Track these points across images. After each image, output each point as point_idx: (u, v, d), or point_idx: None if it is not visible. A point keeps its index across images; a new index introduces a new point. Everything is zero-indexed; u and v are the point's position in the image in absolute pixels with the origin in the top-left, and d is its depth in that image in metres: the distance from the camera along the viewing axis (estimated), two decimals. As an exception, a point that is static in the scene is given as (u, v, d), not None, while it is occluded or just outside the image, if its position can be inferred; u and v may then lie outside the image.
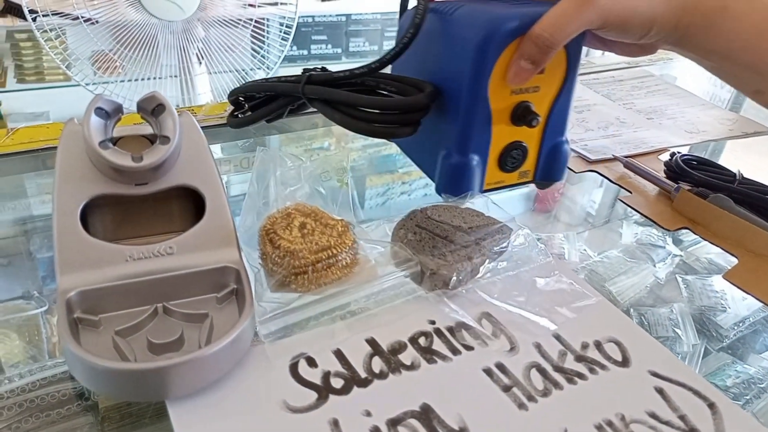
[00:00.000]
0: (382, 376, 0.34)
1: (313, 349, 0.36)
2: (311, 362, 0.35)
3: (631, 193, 0.54)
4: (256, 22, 1.54)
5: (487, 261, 0.40)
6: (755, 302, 0.42)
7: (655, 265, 0.52)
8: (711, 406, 0.34)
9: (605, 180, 0.57)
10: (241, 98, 0.55)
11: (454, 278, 0.39)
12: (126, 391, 0.32)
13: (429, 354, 0.36)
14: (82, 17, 1.36)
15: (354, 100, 0.46)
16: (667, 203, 0.52)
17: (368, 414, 0.32)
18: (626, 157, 0.58)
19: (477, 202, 0.46)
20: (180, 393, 0.32)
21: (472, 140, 0.47)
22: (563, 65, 0.47)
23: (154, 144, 0.36)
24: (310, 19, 1.98)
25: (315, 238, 0.39)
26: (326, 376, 0.34)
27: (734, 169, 0.53)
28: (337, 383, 0.34)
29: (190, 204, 0.40)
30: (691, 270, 0.51)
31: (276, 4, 1.57)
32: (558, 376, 0.35)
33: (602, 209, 0.62)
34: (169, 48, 1.46)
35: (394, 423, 0.32)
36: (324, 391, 0.33)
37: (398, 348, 0.36)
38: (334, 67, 0.51)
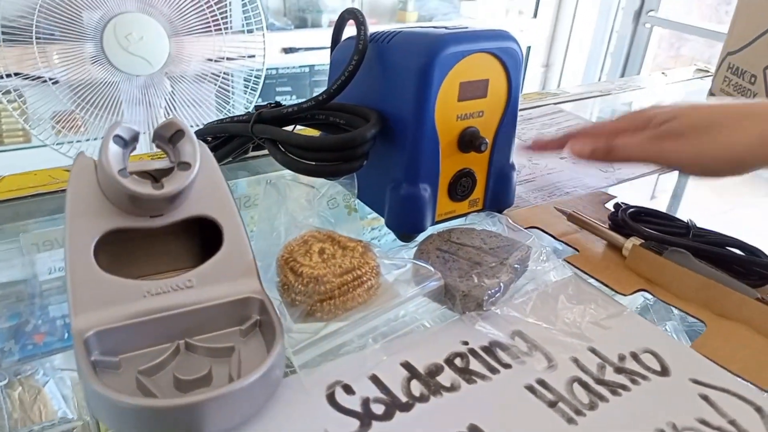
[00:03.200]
0: (423, 399, 0.33)
1: (347, 376, 0.34)
2: (348, 389, 0.34)
3: (578, 251, 0.48)
4: (222, 75, 1.55)
5: (515, 280, 0.40)
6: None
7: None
8: (758, 410, 0.34)
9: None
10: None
11: (486, 299, 0.38)
12: (156, 430, 0.30)
13: (467, 374, 0.35)
14: (48, 78, 1.34)
15: (294, 139, 0.45)
16: (619, 260, 0.46)
17: None
18: (560, 210, 0.53)
19: (489, 222, 0.46)
20: (210, 430, 0.30)
21: (421, 169, 0.45)
22: (505, 88, 0.46)
23: (161, 179, 0.35)
24: (273, 71, 2.00)
25: (337, 261, 0.38)
26: (366, 402, 0.33)
27: (684, 219, 0.48)
28: (378, 409, 0.33)
29: (205, 235, 0.39)
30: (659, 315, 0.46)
31: (243, 57, 1.59)
32: (601, 389, 0.34)
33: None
34: (135, 103, 1.45)
35: (443, 445, 0.30)
36: (366, 417, 0.32)
37: (435, 370, 0.35)
38: None
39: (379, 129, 0.44)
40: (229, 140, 0.51)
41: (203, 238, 0.39)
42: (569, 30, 2.55)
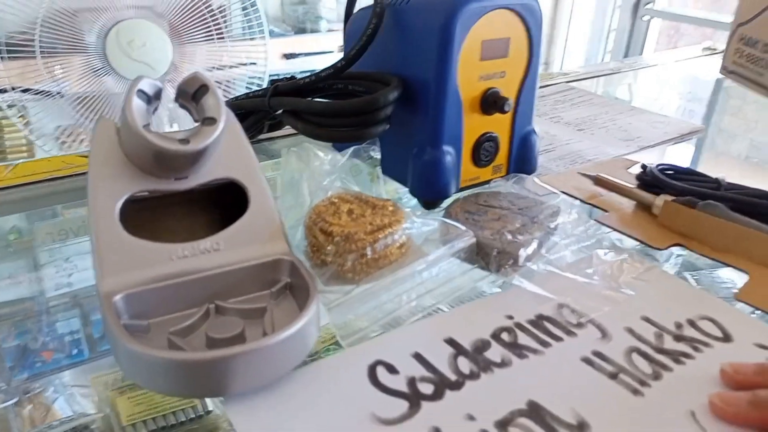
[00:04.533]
0: (473, 376, 0.31)
1: (388, 354, 0.33)
2: (391, 369, 0.32)
3: (607, 212, 0.47)
4: (225, 83, 1.55)
5: (548, 237, 0.39)
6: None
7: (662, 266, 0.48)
8: None
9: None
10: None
11: (522, 254, 0.37)
12: (189, 385, 0.29)
13: (518, 349, 0.33)
14: (54, 91, 1.34)
15: (315, 107, 0.44)
16: (650, 219, 0.45)
17: (471, 418, 0.29)
18: (584, 174, 0.52)
19: (514, 188, 0.45)
20: (244, 387, 0.29)
21: (444, 132, 0.43)
22: (526, 48, 0.45)
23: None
24: (274, 77, 2.00)
25: (367, 219, 0.37)
26: (412, 381, 0.31)
27: (714, 175, 0.47)
28: (426, 389, 0.30)
29: (228, 202, 0.38)
30: (693, 267, 0.46)
31: (245, 64, 1.58)
32: (663, 358, 0.32)
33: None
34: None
35: (502, 425, 0.28)
36: (414, 398, 0.30)
37: (482, 346, 0.33)
38: None
39: (400, 92, 0.43)
40: (246, 117, 0.51)
41: (226, 205, 0.38)
42: (567, 28, 2.55)
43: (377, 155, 0.45)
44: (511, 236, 0.38)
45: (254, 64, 1.62)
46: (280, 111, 0.48)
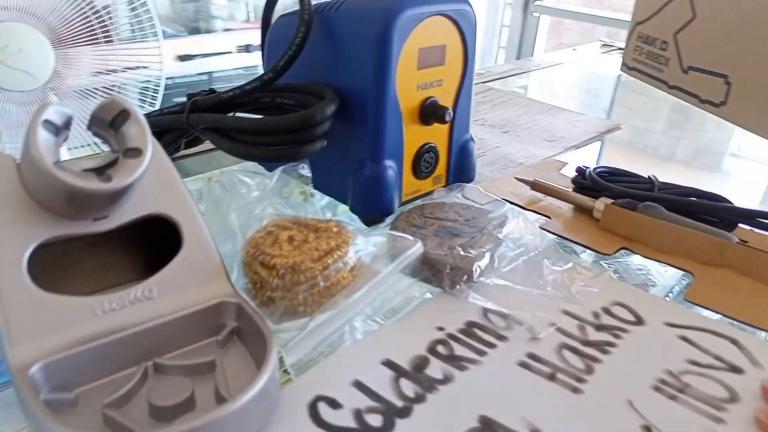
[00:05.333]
0: (419, 399, 0.30)
1: (327, 387, 0.30)
2: (333, 403, 0.29)
3: (549, 218, 0.46)
4: (112, 89, 1.43)
5: (498, 248, 0.37)
6: (676, 272, 0.41)
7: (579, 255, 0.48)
8: (734, 342, 0.34)
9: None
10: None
11: (475, 270, 0.35)
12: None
13: (456, 361, 0.32)
14: None
15: (244, 124, 0.40)
16: (591, 223, 0.45)
17: None
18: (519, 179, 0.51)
19: (457, 197, 0.44)
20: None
21: (386, 145, 0.41)
22: (461, 55, 0.44)
23: (104, 172, 0.29)
24: (170, 81, 1.89)
25: (312, 245, 0.33)
26: (358, 414, 0.29)
27: (645, 175, 0.48)
28: (374, 420, 0.28)
29: (155, 233, 0.33)
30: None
31: (137, 67, 1.48)
32: (590, 350, 0.33)
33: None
34: (17, 125, 1.30)
35: (461, 447, 0.27)
36: None
37: (420, 363, 0.32)
38: None
39: (337, 105, 0.40)
40: (160, 136, 0.45)
41: (151, 240, 0.34)
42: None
43: (307, 173, 0.42)
44: (463, 251, 0.36)
45: (145, 68, 1.52)
46: (199, 128, 0.43)
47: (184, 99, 0.45)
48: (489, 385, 0.30)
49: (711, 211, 0.43)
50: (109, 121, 0.28)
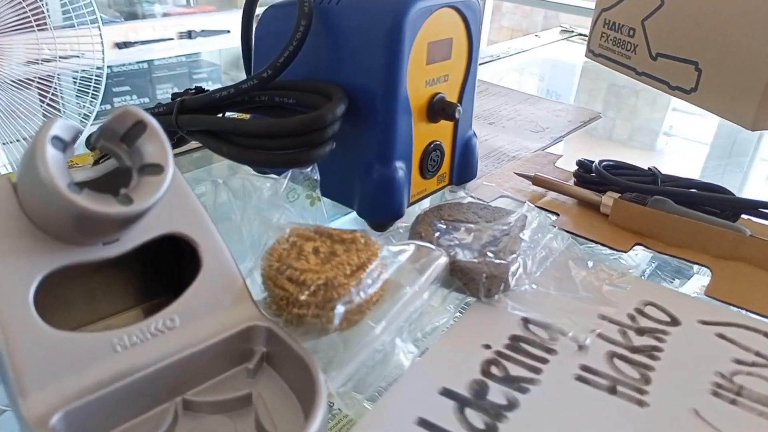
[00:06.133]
0: (492, 430, 0.28)
1: (391, 429, 0.28)
2: None
3: (557, 215, 0.45)
4: (47, 79, 1.34)
5: (531, 252, 0.36)
6: (646, 254, 0.41)
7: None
8: (766, 335, 0.34)
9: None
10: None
11: (512, 276, 0.34)
12: None
13: (515, 383, 0.31)
14: None
15: (246, 127, 0.37)
16: (600, 219, 0.44)
17: None
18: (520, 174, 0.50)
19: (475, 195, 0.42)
20: None
21: (396, 146, 0.39)
22: (466, 48, 0.43)
23: (113, 189, 0.26)
24: (108, 70, 1.79)
25: (341, 258, 0.31)
26: None
27: (644, 167, 0.47)
28: None
29: (163, 251, 0.30)
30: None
31: (74, 56, 1.38)
32: (641, 358, 0.32)
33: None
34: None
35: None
36: None
37: (480, 389, 0.30)
38: None
39: (347, 104, 0.38)
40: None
41: (158, 258, 0.31)
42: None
43: (316, 176, 0.40)
44: (496, 257, 0.35)
45: (79, 57, 1.43)
46: (186, 131, 0.40)
47: (126, 88, 0.42)
48: (555, 406, 0.29)
49: (715, 203, 0.44)
50: (122, 134, 0.25)
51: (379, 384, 0.30)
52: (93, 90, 1.33)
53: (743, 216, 0.44)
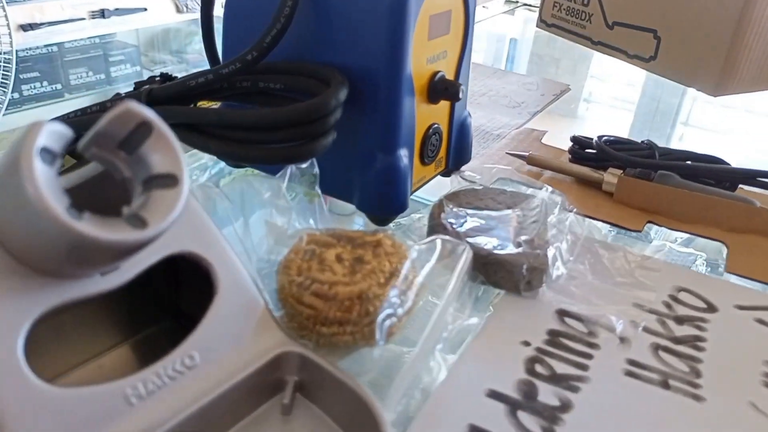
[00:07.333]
0: None
1: None
2: None
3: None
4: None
5: (561, 238, 0.34)
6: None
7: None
8: None
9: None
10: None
11: (552, 266, 0.31)
12: None
13: (563, 382, 0.28)
14: None
15: (234, 119, 0.32)
16: (603, 197, 0.42)
17: None
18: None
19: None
20: None
21: (400, 132, 0.36)
22: (462, 21, 0.39)
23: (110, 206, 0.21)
24: (11, 57, 1.63)
25: (372, 265, 0.28)
26: None
27: (638, 140, 0.46)
28: None
29: (168, 286, 0.26)
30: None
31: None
32: (685, 349, 0.31)
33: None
34: None
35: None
36: None
37: (529, 390, 0.28)
38: (57, 108, 0.35)
39: (347, 89, 0.33)
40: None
41: (167, 291, 0.26)
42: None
43: (315, 170, 0.35)
44: (530, 246, 0.32)
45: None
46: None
47: (35, 74, 0.36)
48: (610, 405, 0.27)
49: (715, 174, 0.43)
50: (120, 139, 0.20)
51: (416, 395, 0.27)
52: (2, 78, 1.20)
53: (740, 186, 0.43)
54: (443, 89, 0.37)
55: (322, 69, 0.34)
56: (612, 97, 0.85)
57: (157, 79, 0.37)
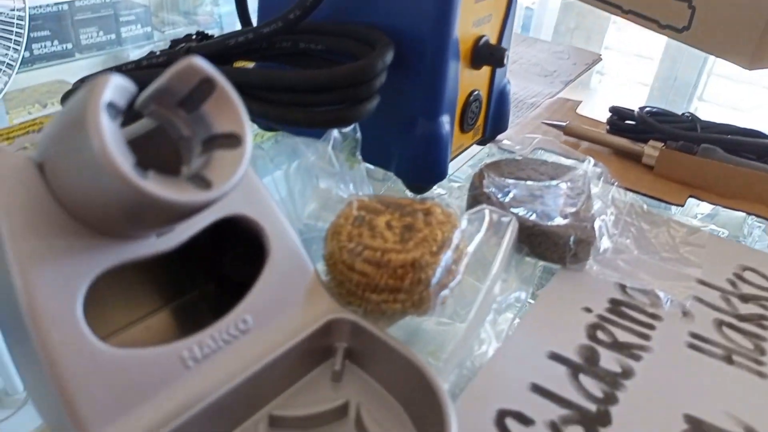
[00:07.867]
0: (611, 400, 0.26)
1: (506, 397, 0.25)
2: (522, 419, 0.25)
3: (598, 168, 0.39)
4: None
5: (606, 210, 0.33)
6: None
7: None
8: None
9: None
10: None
11: (599, 238, 0.31)
12: None
13: (625, 350, 0.28)
14: None
15: (280, 80, 0.31)
16: (643, 170, 0.42)
17: None
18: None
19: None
20: None
21: (444, 98, 0.35)
22: None
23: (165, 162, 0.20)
24: (23, 14, 1.60)
25: (424, 233, 0.27)
26: (555, 429, 0.24)
27: (679, 112, 0.45)
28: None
29: (218, 248, 0.25)
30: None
31: (-15, -5, 1.21)
32: (750, 326, 0.31)
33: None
34: None
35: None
36: None
37: (591, 356, 0.28)
38: (68, 67, 0.34)
39: (393, 51, 0.32)
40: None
41: (198, 247, 0.26)
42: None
43: (358, 135, 0.35)
44: (575, 219, 0.31)
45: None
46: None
47: (45, 32, 0.35)
48: (672, 376, 0.27)
49: (758, 149, 0.42)
50: (182, 96, 0.19)
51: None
52: (15, 35, 1.18)
53: None
54: (488, 54, 0.36)
55: (366, 30, 0.33)
56: (627, 68, 0.83)
57: (194, 37, 0.36)
